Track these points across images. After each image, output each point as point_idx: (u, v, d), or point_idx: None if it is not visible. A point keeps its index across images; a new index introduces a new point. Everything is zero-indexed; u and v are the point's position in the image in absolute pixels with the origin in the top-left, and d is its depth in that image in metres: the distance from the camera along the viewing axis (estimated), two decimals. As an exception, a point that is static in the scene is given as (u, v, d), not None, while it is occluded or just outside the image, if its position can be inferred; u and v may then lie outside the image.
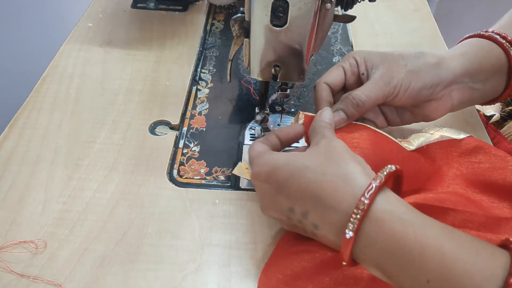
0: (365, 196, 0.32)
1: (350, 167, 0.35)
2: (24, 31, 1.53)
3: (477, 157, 0.45)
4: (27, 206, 0.45)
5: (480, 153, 0.45)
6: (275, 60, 0.44)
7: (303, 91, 0.61)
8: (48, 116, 0.55)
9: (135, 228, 0.43)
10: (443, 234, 0.31)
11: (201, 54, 0.67)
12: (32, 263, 0.40)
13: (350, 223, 0.32)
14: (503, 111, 0.70)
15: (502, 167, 0.43)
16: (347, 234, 0.32)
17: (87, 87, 0.59)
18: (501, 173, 0.43)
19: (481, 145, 0.45)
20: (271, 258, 0.41)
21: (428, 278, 0.30)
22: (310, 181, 0.35)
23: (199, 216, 0.45)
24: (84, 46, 0.66)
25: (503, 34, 0.48)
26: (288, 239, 0.42)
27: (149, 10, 0.74)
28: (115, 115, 0.55)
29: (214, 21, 0.74)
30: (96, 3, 0.75)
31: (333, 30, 0.72)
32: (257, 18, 0.41)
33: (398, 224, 0.32)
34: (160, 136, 0.53)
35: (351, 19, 0.46)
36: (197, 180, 0.48)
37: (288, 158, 0.38)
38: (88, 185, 0.47)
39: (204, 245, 0.42)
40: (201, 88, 0.61)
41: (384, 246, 0.32)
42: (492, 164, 0.44)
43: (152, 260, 0.41)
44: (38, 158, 0.49)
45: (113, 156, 0.50)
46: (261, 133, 0.52)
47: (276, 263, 0.40)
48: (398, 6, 0.76)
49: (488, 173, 0.43)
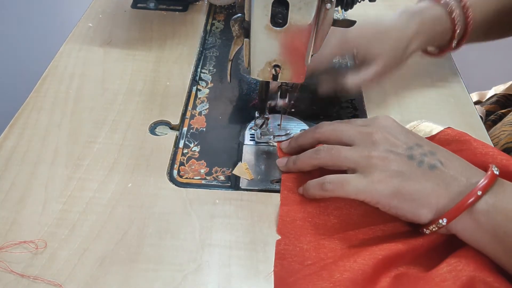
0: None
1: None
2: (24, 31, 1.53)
3: (457, 145, 0.45)
4: (27, 206, 0.45)
5: (460, 142, 0.46)
6: (275, 60, 0.44)
7: (303, 92, 0.61)
8: (48, 116, 0.55)
9: (135, 228, 0.43)
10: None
11: (201, 54, 0.67)
12: (32, 263, 0.40)
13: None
14: (495, 114, 0.70)
15: (483, 153, 0.43)
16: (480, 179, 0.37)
17: (87, 87, 0.59)
18: (483, 161, 0.43)
19: (461, 134, 0.46)
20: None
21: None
22: None
23: (199, 216, 0.45)
24: (84, 46, 0.66)
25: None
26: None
27: (149, 10, 0.74)
28: (115, 115, 0.55)
29: (214, 21, 0.74)
30: (96, 3, 0.75)
31: (333, 30, 0.72)
32: (257, 18, 0.41)
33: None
34: (160, 136, 0.53)
35: (351, 24, 0.46)
36: (197, 180, 0.49)
37: None
38: (88, 185, 0.47)
39: (204, 245, 0.42)
40: (201, 88, 0.61)
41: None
42: (474, 151, 0.44)
43: (152, 260, 0.41)
44: (38, 158, 0.49)
45: (113, 156, 0.50)
46: (260, 137, 0.52)
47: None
48: (398, 6, 0.76)
49: (470, 158, 0.43)
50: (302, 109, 0.58)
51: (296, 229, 0.43)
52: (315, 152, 0.44)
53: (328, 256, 0.40)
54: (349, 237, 0.42)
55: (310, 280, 0.38)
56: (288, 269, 0.40)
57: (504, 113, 0.69)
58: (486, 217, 0.36)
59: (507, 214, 0.35)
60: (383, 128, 0.42)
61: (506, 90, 0.76)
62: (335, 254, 0.40)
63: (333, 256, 0.40)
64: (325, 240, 0.42)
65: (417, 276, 0.38)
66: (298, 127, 0.55)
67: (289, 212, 0.44)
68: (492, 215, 0.36)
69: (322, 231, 0.43)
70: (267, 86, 0.50)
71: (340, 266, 0.38)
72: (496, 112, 0.71)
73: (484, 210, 0.36)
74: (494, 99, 0.76)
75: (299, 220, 0.43)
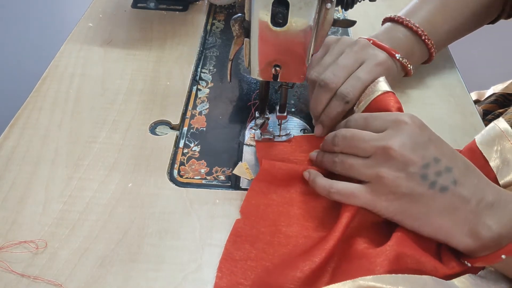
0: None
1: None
2: (24, 31, 1.53)
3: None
4: (27, 206, 0.45)
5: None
6: (275, 60, 0.44)
7: (303, 91, 0.61)
8: (49, 116, 0.55)
9: (135, 228, 0.43)
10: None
11: (201, 54, 0.67)
12: (33, 263, 0.40)
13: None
14: (492, 113, 0.70)
15: None
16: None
17: (88, 87, 0.59)
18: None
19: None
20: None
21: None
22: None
23: (199, 216, 0.45)
24: (84, 46, 0.66)
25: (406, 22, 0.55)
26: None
27: (149, 10, 0.74)
28: (115, 115, 0.55)
29: (214, 21, 0.74)
30: (96, 3, 0.75)
31: (333, 30, 0.72)
32: (257, 18, 0.41)
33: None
34: (160, 136, 0.53)
35: (351, 24, 0.46)
36: (198, 180, 0.49)
37: None
38: (88, 185, 0.47)
39: (205, 245, 0.42)
40: (201, 88, 0.61)
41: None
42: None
43: (152, 260, 0.41)
44: (38, 158, 0.49)
45: (114, 156, 0.50)
46: (260, 137, 0.52)
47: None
48: (399, 6, 0.76)
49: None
50: (302, 109, 0.58)
51: (259, 212, 0.44)
52: (332, 164, 0.44)
53: (281, 243, 0.42)
54: (307, 227, 0.44)
55: (254, 266, 0.40)
56: (239, 246, 0.42)
57: (501, 113, 0.69)
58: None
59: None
60: (402, 140, 0.39)
61: (504, 89, 0.76)
62: (288, 241, 0.42)
63: (286, 243, 0.42)
64: (282, 227, 0.44)
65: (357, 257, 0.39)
66: (298, 127, 0.55)
67: (256, 196, 0.46)
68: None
69: (283, 218, 0.44)
70: (267, 86, 0.50)
71: (286, 262, 0.40)
72: (494, 111, 0.71)
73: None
74: (493, 99, 0.76)
75: (262, 205, 0.45)
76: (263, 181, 0.47)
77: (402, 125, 0.40)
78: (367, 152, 0.41)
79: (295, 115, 0.57)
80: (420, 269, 0.38)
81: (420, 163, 0.38)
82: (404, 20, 0.55)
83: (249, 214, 0.44)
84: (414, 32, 0.55)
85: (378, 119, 0.42)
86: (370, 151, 0.40)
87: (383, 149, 0.39)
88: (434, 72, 0.63)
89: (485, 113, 0.73)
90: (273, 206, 0.45)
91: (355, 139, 0.42)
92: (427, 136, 0.40)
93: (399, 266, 0.37)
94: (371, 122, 0.43)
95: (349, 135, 0.43)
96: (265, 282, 0.39)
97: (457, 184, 0.38)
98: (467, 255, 0.39)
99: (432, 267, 0.38)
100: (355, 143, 0.42)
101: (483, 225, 0.37)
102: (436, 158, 0.39)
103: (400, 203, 0.39)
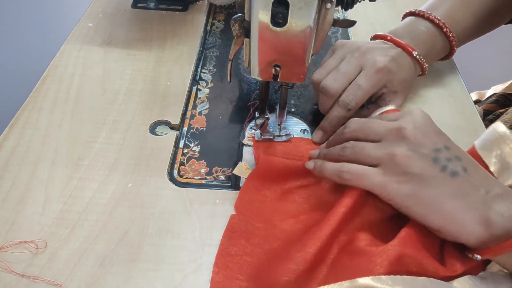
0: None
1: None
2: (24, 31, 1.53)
3: None
4: (27, 206, 0.45)
5: None
6: (275, 60, 0.44)
7: (303, 91, 0.61)
8: (49, 116, 0.55)
9: (135, 228, 0.43)
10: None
11: (201, 54, 0.67)
12: (33, 263, 0.40)
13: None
14: (493, 114, 0.70)
15: None
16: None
17: (88, 87, 0.59)
18: None
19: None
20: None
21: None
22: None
23: (199, 216, 0.45)
24: (84, 46, 0.66)
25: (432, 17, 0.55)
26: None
27: (149, 10, 0.74)
28: (115, 115, 0.55)
29: (214, 21, 0.74)
30: (96, 3, 0.75)
31: (333, 30, 0.72)
32: (257, 18, 0.41)
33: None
34: (160, 136, 0.53)
35: (351, 24, 0.46)
36: (198, 180, 0.49)
37: None
38: (88, 185, 0.47)
39: (205, 245, 0.42)
40: (201, 88, 0.61)
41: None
42: None
43: (152, 260, 0.41)
44: (38, 158, 0.49)
45: (114, 156, 0.50)
46: (260, 137, 0.52)
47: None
48: (399, 6, 0.76)
49: None
50: (303, 108, 0.58)
51: (253, 208, 0.45)
52: (341, 150, 0.44)
53: (277, 236, 0.42)
54: (302, 221, 0.44)
55: (250, 261, 0.41)
56: (235, 242, 0.42)
57: (502, 113, 0.69)
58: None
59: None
60: (415, 124, 0.41)
61: (505, 89, 0.76)
62: (283, 235, 0.43)
63: (282, 237, 0.42)
64: (277, 222, 0.44)
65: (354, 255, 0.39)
66: (298, 127, 0.55)
67: (249, 193, 0.46)
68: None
69: (278, 213, 0.45)
70: (267, 86, 0.49)
71: (283, 257, 0.40)
72: (495, 111, 0.71)
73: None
74: (493, 99, 0.76)
75: (256, 202, 0.45)
76: (257, 179, 0.47)
77: (415, 114, 0.42)
78: (379, 134, 0.41)
79: (295, 115, 0.57)
80: (421, 271, 0.38)
81: (432, 147, 0.39)
82: (425, 13, 0.55)
83: (244, 210, 0.45)
84: (436, 25, 0.55)
85: (390, 114, 0.45)
86: (384, 133, 0.41)
87: (397, 130, 0.40)
88: (434, 72, 0.63)
89: (485, 113, 0.73)
90: (267, 202, 0.46)
91: (369, 122, 0.43)
92: (437, 128, 0.42)
93: (399, 267, 0.37)
94: (384, 118, 0.45)
95: (363, 120, 0.44)
96: (261, 276, 0.39)
97: (467, 172, 0.39)
98: (475, 249, 0.38)
99: (433, 269, 0.38)
100: (369, 125, 0.43)
101: (494, 212, 0.36)
102: (447, 146, 0.40)
103: (411, 186, 0.39)
